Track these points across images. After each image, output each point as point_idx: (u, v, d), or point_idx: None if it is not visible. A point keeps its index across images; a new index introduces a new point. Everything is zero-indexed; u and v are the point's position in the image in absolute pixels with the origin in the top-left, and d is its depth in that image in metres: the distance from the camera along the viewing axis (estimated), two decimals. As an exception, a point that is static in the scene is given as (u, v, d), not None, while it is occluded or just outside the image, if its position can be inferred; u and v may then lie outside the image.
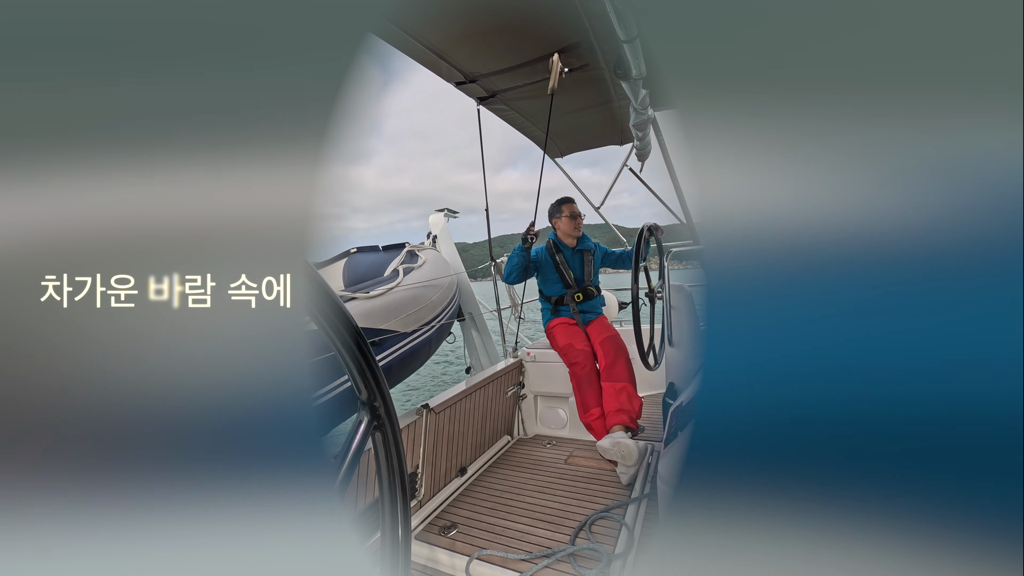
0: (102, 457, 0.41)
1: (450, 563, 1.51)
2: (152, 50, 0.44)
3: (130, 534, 0.41)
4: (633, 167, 3.00)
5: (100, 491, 0.40)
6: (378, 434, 0.55)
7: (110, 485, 0.41)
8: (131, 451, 0.41)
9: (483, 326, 3.58)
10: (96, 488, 0.40)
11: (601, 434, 2.06)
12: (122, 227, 0.43)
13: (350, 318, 0.49)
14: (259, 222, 0.44)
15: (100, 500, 0.40)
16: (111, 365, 0.41)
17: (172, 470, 0.42)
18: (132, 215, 0.43)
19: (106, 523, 0.41)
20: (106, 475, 0.41)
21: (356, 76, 0.47)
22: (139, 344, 0.42)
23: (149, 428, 0.41)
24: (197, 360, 0.43)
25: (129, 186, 0.43)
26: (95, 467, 0.40)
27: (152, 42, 0.44)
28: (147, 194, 0.43)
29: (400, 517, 0.57)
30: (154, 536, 0.41)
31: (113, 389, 0.41)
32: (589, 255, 2.45)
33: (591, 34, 1.63)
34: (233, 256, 0.44)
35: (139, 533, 0.41)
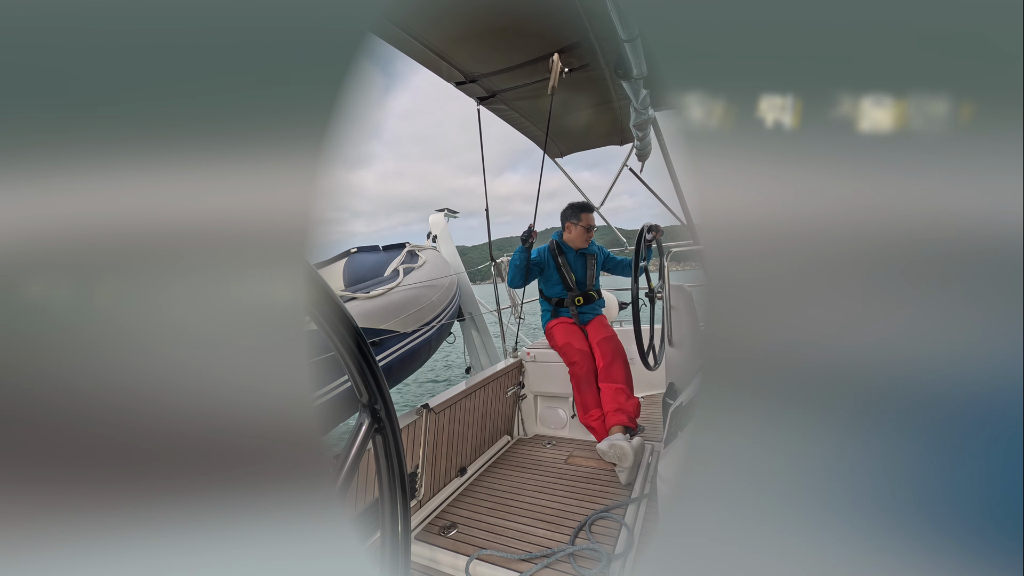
0: (100, 457, 0.41)
1: (450, 563, 1.51)
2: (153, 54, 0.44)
3: (129, 534, 0.41)
4: (633, 167, 3.01)
5: (98, 491, 0.40)
6: (379, 436, 0.55)
7: (108, 485, 0.41)
8: (129, 452, 0.41)
9: (483, 326, 3.58)
10: (94, 488, 0.40)
11: (602, 435, 2.06)
12: (122, 227, 0.43)
13: (351, 320, 0.48)
14: (259, 225, 0.44)
15: (98, 500, 0.40)
16: (109, 365, 0.41)
17: (171, 470, 0.42)
18: (133, 214, 0.43)
19: (104, 523, 0.41)
20: (104, 475, 0.41)
21: (357, 79, 0.47)
22: (138, 344, 0.42)
23: (147, 428, 0.41)
24: (197, 360, 0.43)
25: (132, 185, 0.43)
26: (93, 467, 0.40)
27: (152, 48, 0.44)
28: (148, 193, 0.43)
29: (400, 517, 0.57)
30: (153, 536, 0.41)
31: (111, 389, 0.41)
32: (592, 259, 2.44)
33: (591, 34, 1.63)
34: (233, 256, 0.44)
35: (138, 533, 0.41)
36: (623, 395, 2.08)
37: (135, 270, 0.42)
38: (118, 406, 0.41)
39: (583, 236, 2.36)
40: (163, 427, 0.42)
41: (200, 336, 0.43)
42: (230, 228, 0.44)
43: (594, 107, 2.34)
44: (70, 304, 0.41)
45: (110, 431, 0.41)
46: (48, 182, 0.42)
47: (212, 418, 0.43)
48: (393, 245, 3.18)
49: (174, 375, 0.42)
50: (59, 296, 0.41)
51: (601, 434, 2.08)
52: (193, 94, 0.44)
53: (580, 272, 2.39)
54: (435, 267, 2.90)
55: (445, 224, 3.62)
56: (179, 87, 0.44)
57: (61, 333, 0.41)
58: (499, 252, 3.27)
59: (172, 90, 0.44)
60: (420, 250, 3.09)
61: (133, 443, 0.41)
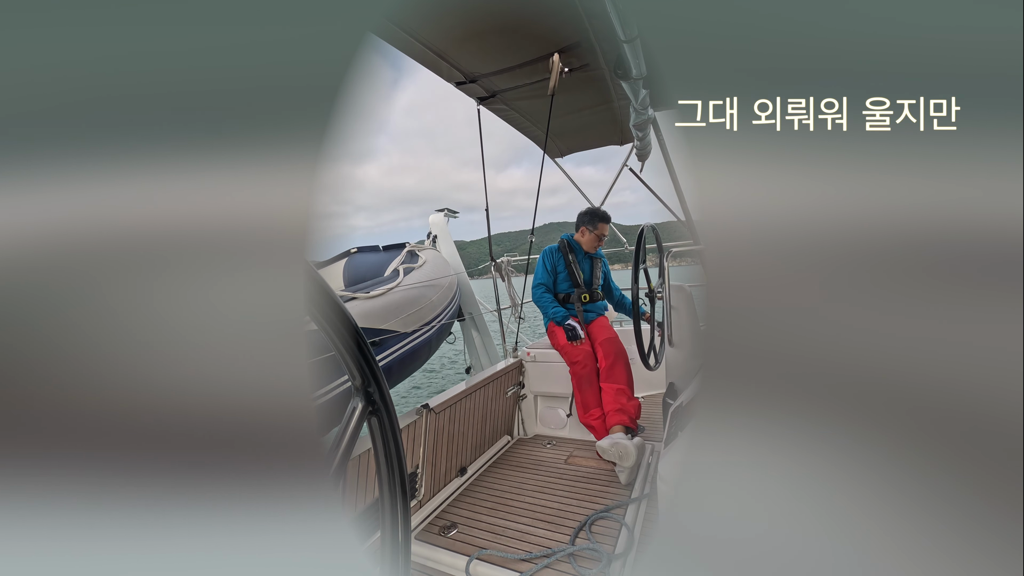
0: (101, 456, 0.41)
1: (450, 563, 1.51)
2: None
3: (130, 534, 0.41)
4: (633, 167, 3.01)
5: (99, 491, 0.40)
6: (374, 419, 0.53)
7: (109, 485, 0.41)
8: (131, 451, 0.41)
9: (483, 326, 3.58)
10: (95, 488, 0.40)
11: (602, 434, 2.07)
12: (123, 227, 0.43)
13: (341, 306, 0.47)
14: (262, 221, 0.44)
15: (99, 499, 0.40)
16: (111, 365, 0.41)
17: (172, 470, 0.42)
18: (136, 214, 0.43)
19: (105, 523, 0.41)
20: (105, 475, 0.41)
21: (362, 75, 0.47)
22: (139, 344, 0.42)
23: (149, 428, 0.41)
24: (197, 360, 0.43)
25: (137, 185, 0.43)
26: (95, 466, 0.40)
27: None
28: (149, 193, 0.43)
29: (400, 517, 0.57)
30: (154, 536, 0.41)
31: (113, 389, 0.41)
32: (598, 261, 2.52)
33: (591, 34, 1.62)
34: (234, 256, 0.44)
35: (139, 533, 0.41)
36: (624, 396, 2.10)
37: (137, 267, 0.42)
38: (118, 405, 0.41)
39: (594, 243, 2.46)
40: (163, 426, 0.42)
41: (200, 336, 0.43)
42: (232, 226, 0.44)
43: (594, 107, 2.34)
44: (73, 303, 0.41)
45: (111, 430, 0.41)
46: (49, 183, 0.42)
47: (212, 418, 0.43)
48: (393, 245, 3.18)
49: (174, 375, 0.42)
50: (65, 295, 0.41)
51: (601, 433, 2.09)
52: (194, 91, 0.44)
53: (587, 272, 2.45)
54: (435, 267, 2.90)
55: (445, 224, 3.63)
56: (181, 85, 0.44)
57: (63, 333, 0.41)
58: (498, 248, 3.27)
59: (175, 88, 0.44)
60: (420, 250, 3.10)
61: (133, 442, 0.41)
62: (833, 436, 0.43)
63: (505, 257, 3.27)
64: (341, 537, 0.47)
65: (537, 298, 2.39)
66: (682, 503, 0.48)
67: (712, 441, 0.47)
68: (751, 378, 0.46)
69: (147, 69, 0.44)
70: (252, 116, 0.45)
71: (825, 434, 0.43)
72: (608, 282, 2.59)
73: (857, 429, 0.43)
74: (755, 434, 0.45)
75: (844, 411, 0.43)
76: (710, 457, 0.47)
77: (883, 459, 0.42)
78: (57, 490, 0.40)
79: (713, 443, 0.47)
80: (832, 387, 0.43)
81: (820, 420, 0.44)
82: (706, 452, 0.48)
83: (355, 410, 0.51)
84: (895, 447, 0.41)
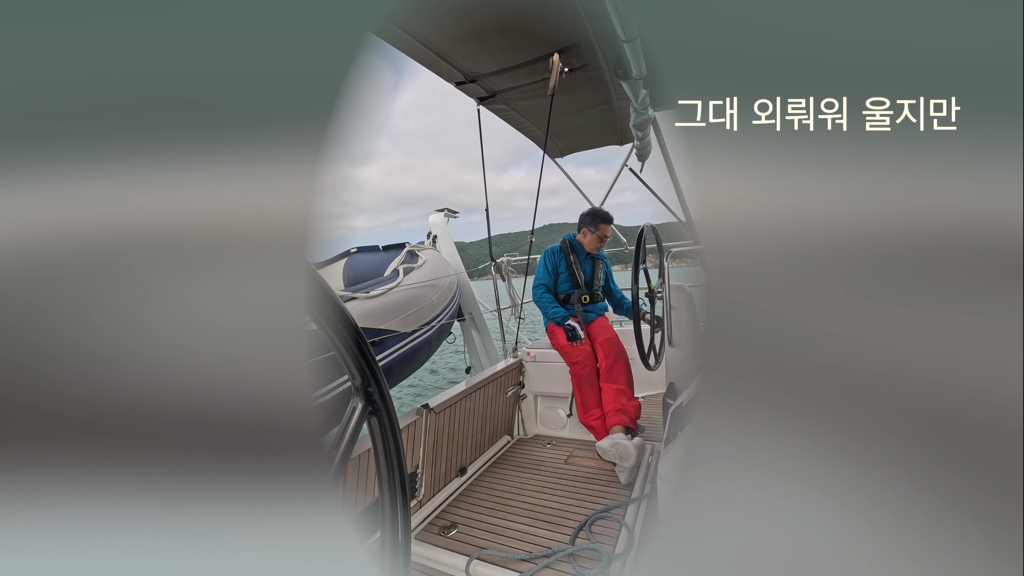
0: (102, 456, 0.41)
1: (450, 563, 1.51)
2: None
3: (130, 534, 0.41)
4: (633, 167, 3.01)
5: (100, 491, 0.40)
6: (374, 419, 0.53)
7: (110, 484, 0.41)
8: (131, 451, 0.41)
9: (483, 326, 3.58)
10: (96, 488, 0.40)
11: (602, 434, 2.07)
12: (125, 227, 0.43)
13: (341, 306, 0.47)
14: (263, 222, 0.44)
15: (100, 499, 0.40)
16: (112, 365, 0.41)
17: (172, 470, 0.42)
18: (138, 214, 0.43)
19: (106, 523, 0.41)
20: (106, 475, 0.41)
21: (362, 76, 0.47)
22: (140, 344, 0.42)
23: (149, 428, 0.41)
24: (197, 360, 0.43)
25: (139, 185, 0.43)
26: (96, 465, 0.40)
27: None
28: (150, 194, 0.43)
29: (400, 517, 0.57)
30: (154, 535, 0.41)
31: (114, 389, 0.41)
32: (600, 262, 2.51)
33: (591, 34, 1.62)
34: (235, 256, 0.44)
35: (139, 533, 0.41)
36: (624, 396, 2.10)
37: (138, 267, 0.42)
38: (119, 405, 0.41)
39: (596, 244, 2.46)
40: (163, 426, 0.42)
41: (200, 336, 0.43)
42: (233, 226, 0.44)
43: (594, 107, 2.34)
44: (74, 303, 0.41)
45: (111, 430, 0.41)
46: (48, 183, 0.42)
47: (212, 418, 0.43)
48: (393, 245, 3.18)
49: (174, 375, 0.42)
50: (64, 295, 0.41)
51: (601, 433, 2.09)
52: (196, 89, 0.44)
53: (588, 273, 2.45)
54: (435, 267, 2.90)
55: (445, 224, 3.63)
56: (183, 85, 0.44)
57: (64, 333, 0.41)
58: (498, 249, 3.27)
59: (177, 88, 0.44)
60: (420, 250, 3.10)
61: (133, 442, 0.41)
62: (833, 436, 0.43)
63: (505, 257, 3.27)
64: (341, 537, 0.47)
65: (537, 298, 2.40)
66: (682, 503, 0.48)
67: (712, 441, 0.47)
68: (751, 378, 0.46)
69: (149, 70, 0.44)
70: (253, 117, 0.45)
71: (825, 434, 0.43)
72: (609, 284, 2.59)
73: (857, 429, 0.43)
74: (755, 434, 0.45)
75: (843, 411, 0.43)
76: (710, 457, 0.47)
77: (883, 459, 0.42)
78: (58, 490, 0.40)
79: (713, 443, 0.47)
80: (831, 387, 0.43)
81: (820, 420, 0.44)
82: (706, 452, 0.48)
83: (355, 410, 0.51)
84: (895, 447, 0.41)
